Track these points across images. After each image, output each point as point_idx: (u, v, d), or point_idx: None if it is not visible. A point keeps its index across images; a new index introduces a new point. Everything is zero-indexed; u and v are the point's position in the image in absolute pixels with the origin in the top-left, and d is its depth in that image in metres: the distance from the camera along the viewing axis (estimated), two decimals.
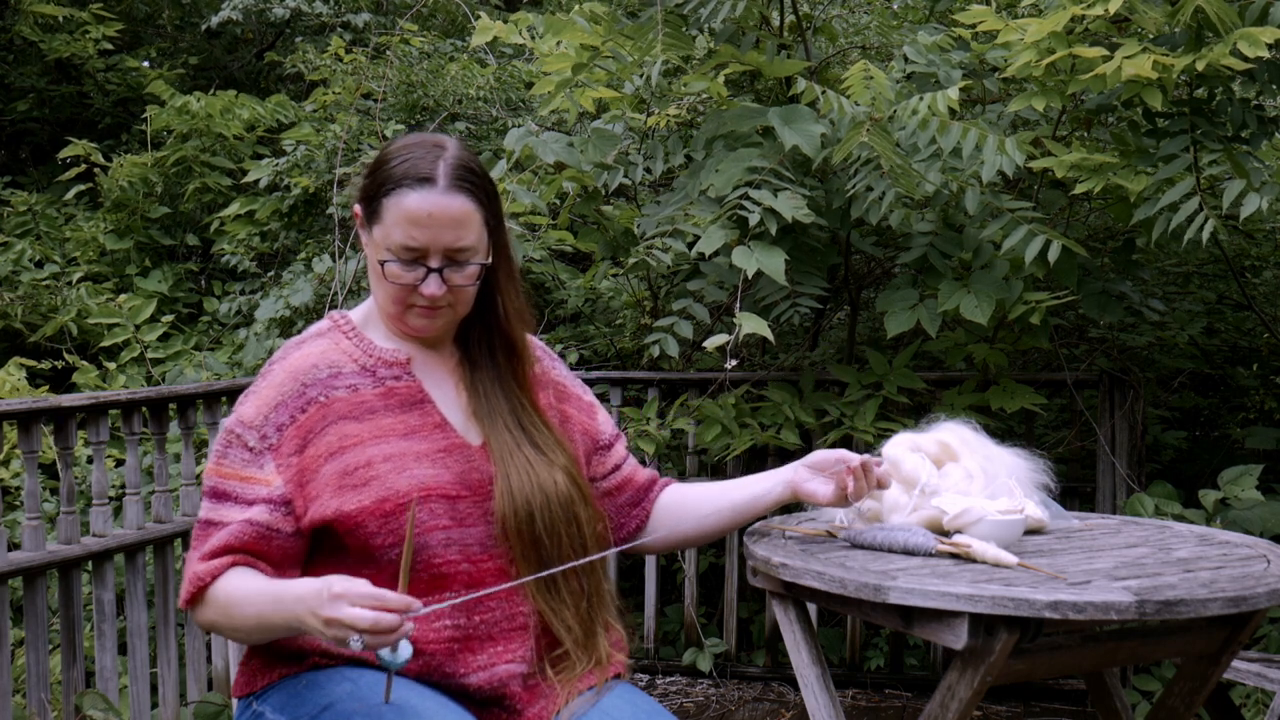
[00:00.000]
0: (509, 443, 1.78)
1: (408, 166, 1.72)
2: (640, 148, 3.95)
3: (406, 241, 1.71)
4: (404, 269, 1.73)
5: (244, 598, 1.65)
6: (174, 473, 4.21)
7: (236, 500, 1.70)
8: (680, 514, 1.99)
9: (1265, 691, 3.40)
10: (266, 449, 1.71)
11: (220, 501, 1.71)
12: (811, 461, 1.96)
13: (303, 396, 1.73)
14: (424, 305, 1.76)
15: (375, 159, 1.79)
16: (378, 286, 1.79)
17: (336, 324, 1.83)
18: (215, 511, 1.71)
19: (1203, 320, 4.45)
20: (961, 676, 1.78)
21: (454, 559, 1.70)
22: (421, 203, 1.70)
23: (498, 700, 1.71)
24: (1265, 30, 2.80)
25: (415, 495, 1.69)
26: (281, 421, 1.72)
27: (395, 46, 5.41)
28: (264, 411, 1.73)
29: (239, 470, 1.71)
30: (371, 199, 1.75)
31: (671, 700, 3.92)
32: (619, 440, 2.01)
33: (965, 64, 3.58)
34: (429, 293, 1.73)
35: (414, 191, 1.71)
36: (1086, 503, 3.90)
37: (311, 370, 1.76)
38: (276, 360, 1.79)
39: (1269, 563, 1.92)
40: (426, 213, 1.70)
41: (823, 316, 4.48)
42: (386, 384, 1.77)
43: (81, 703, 3.08)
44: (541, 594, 1.75)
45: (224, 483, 1.72)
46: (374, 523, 1.68)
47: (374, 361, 1.79)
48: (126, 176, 5.77)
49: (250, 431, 1.72)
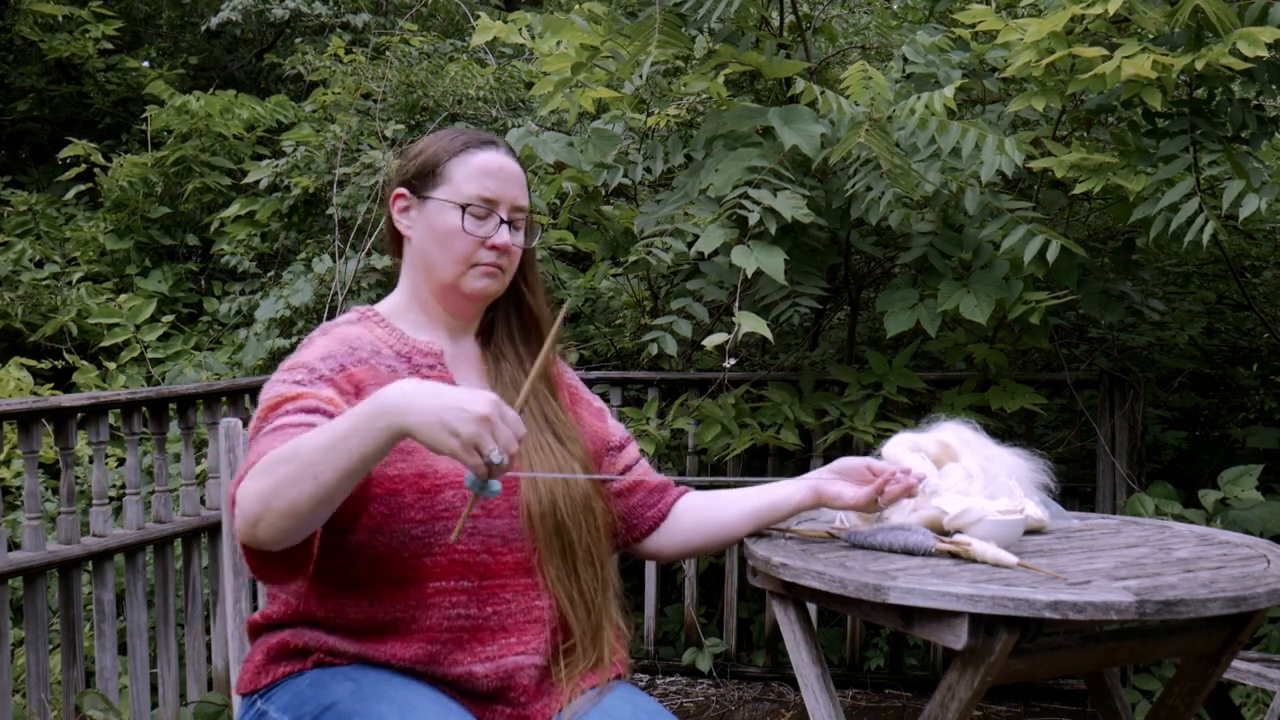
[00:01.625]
0: (533, 431, 1.81)
1: (466, 138, 1.84)
2: (640, 147, 3.95)
3: (482, 192, 1.80)
4: (478, 223, 1.80)
5: (309, 437, 1.47)
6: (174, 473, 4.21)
7: (289, 413, 1.60)
8: (701, 516, 2.01)
9: (1265, 691, 3.41)
10: (318, 379, 1.68)
11: (275, 412, 1.61)
12: (838, 468, 1.98)
13: (353, 355, 1.74)
14: (488, 263, 1.81)
15: (413, 150, 1.87)
16: (439, 251, 1.81)
17: (365, 315, 1.85)
18: (273, 421, 1.60)
19: (1203, 320, 4.45)
20: (961, 676, 1.78)
21: (475, 549, 1.71)
22: (493, 159, 1.82)
23: (503, 692, 1.70)
24: (1265, 30, 2.80)
25: (453, 479, 1.68)
26: (333, 366, 1.71)
27: (395, 47, 5.41)
28: (312, 361, 1.71)
29: (285, 394, 1.64)
30: (430, 172, 1.82)
31: (671, 700, 3.92)
32: (630, 443, 2.04)
33: (965, 64, 3.58)
34: (501, 242, 1.80)
35: (482, 150, 1.83)
36: (1086, 503, 3.91)
37: (357, 339, 1.78)
38: (315, 335, 1.79)
39: (1269, 563, 1.92)
40: (499, 165, 1.82)
41: (823, 316, 4.49)
42: (421, 372, 1.79)
43: (81, 703, 3.09)
44: (561, 581, 1.76)
45: (272, 414, 1.62)
46: (411, 494, 1.67)
47: (409, 349, 1.81)
48: (126, 176, 5.77)
49: (297, 371, 1.69)
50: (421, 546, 1.67)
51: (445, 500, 1.69)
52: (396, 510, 1.67)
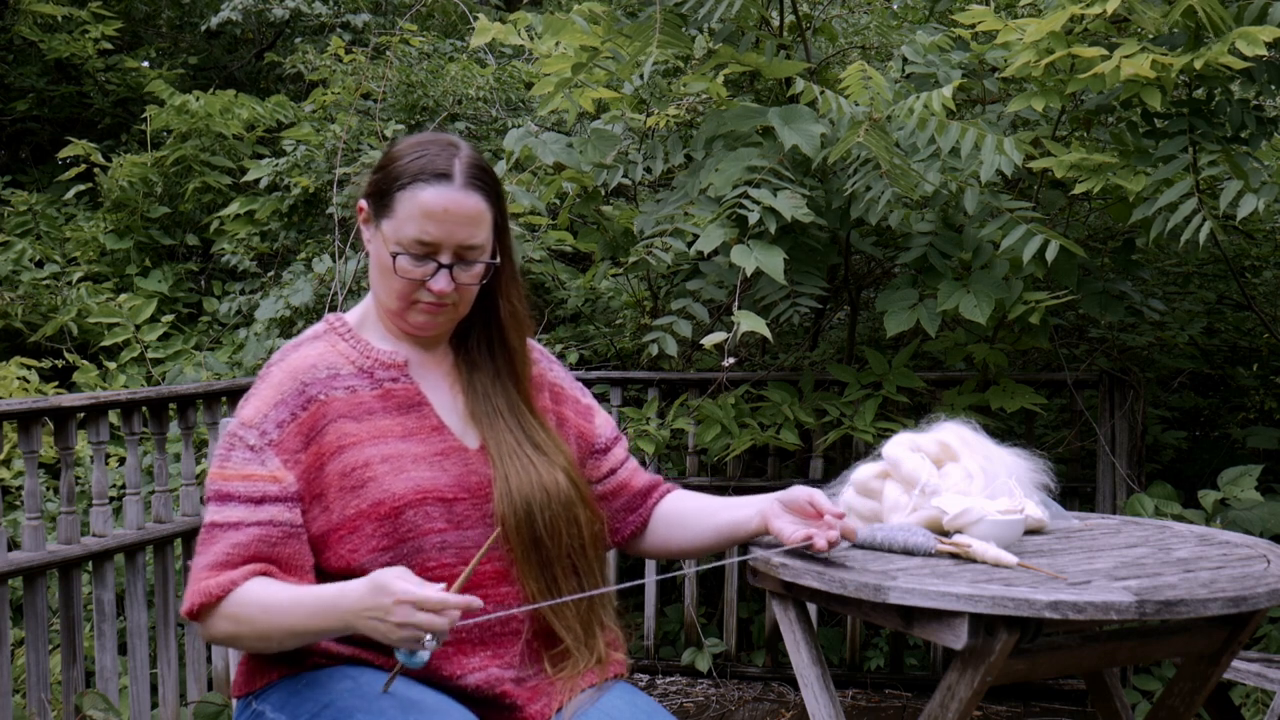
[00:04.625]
0: (510, 443, 1.78)
1: (424, 162, 1.72)
2: (640, 148, 3.95)
3: (420, 236, 1.71)
4: (414, 264, 1.72)
5: (274, 607, 1.62)
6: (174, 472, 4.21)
7: (241, 500, 1.67)
8: (673, 526, 1.99)
9: (1265, 691, 3.41)
10: (267, 444, 1.69)
11: (224, 503, 1.68)
12: (786, 498, 1.90)
13: (303, 395, 1.72)
14: (429, 302, 1.75)
15: (384, 155, 1.79)
16: (382, 282, 1.77)
17: (333, 326, 1.82)
18: (220, 513, 1.68)
19: (1203, 320, 4.45)
20: (961, 676, 1.79)
21: (448, 562, 1.70)
22: (438, 198, 1.71)
23: (495, 699, 1.71)
24: (1264, 29, 2.80)
25: (412, 499, 1.68)
26: (282, 418, 1.70)
27: (395, 47, 5.41)
28: (263, 410, 1.71)
29: (240, 469, 1.68)
30: (383, 193, 1.75)
31: (671, 700, 3.92)
32: (618, 443, 2.00)
33: (964, 64, 3.58)
34: (438, 289, 1.73)
35: (430, 187, 1.71)
36: (1086, 503, 3.90)
37: (310, 370, 1.75)
38: (274, 363, 1.78)
39: (1269, 563, 1.92)
40: (443, 208, 1.71)
41: (822, 316, 4.49)
42: (384, 385, 1.77)
43: (81, 703, 3.08)
44: (543, 594, 1.75)
45: (227, 484, 1.68)
46: (371, 524, 1.68)
47: (371, 363, 1.78)
48: (126, 176, 5.77)
49: (250, 431, 1.70)
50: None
51: (408, 520, 1.69)
52: (361, 543, 1.69)
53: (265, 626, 1.63)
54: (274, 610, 1.62)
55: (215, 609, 1.64)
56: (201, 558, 1.67)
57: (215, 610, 1.64)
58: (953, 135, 3.10)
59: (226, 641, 1.68)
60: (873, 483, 2.11)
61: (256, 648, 1.70)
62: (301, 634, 1.62)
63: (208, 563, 1.66)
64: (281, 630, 1.62)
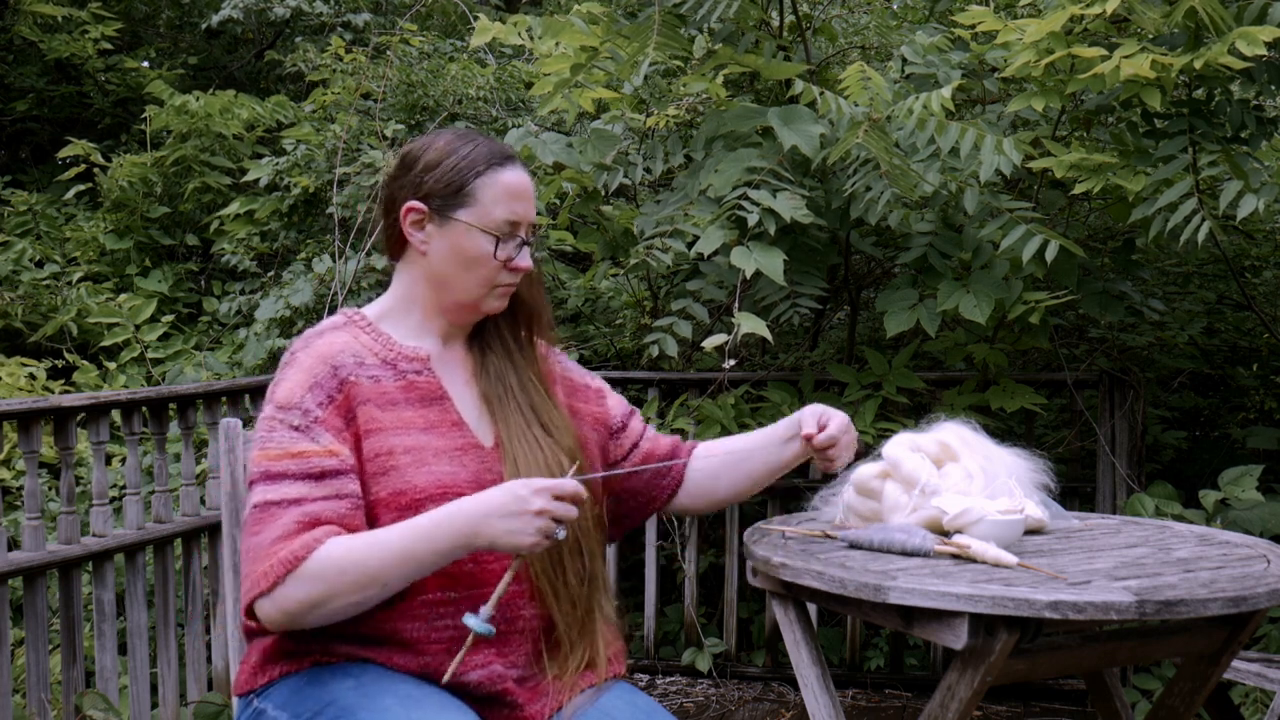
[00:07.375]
0: (520, 424, 1.80)
1: (487, 148, 1.78)
2: (640, 148, 3.95)
3: (510, 216, 1.76)
4: (509, 246, 1.77)
5: (378, 540, 1.58)
6: (174, 473, 4.21)
7: (296, 477, 1.63)
8: (710, 480, 2.04)
9: (1265, 691, 3.41)
10: (313, 422, 1.67)
11: (277, 482, 1.63)
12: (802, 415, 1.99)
13: (335, 377, 1.72)
14: (508, 283, 1.80)
15: (427, 159, 1.78)
16: (465, 274, 1.77)
17: (352, 319, 1.82)
18: (275, 491, 1.63)
19: (1203, 320, 4.45)
20: (961, 676, 1.79)
21: (460, 559, 1.70)
22: (518, 178, 1.78)
23: (497, 697, 1.71)
24: (1264, 29, 2.80)
25: (433, 492, 1.68)
26: (320, 400, 1.69)
27: (395, 46, 5.41)
28: (299, 393, 1.69)
29: (289, 448, 1.65)
30: (454, 187, 1.75)
31: (671, 700, 3.92)
32: (633, 417, 2.04)
33: (964, 64, 3.58)
34: (526, 265, 1.79)
35: (506, 169, 1.77)
36: (1086, 503, 3.91)
37: (339, 354, 1.74)
38: (298, 349, 1.76)
39: (1269, 563, 1.92)
40: (524, 186, 1.78)
41: (822, 316, 4.49)
42: (408, 378, 1.77)
43: (81, 703, 3.09)
44: (547, 573, 1.75)
45: (276, 464, 1.64)
46: (390, 514, 1.67)
47: (395, 355, 1.78)
48: (126, 176, 5.78)
49: (291, 413, 1.67)
50: None
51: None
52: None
53: (371, 567, 1.57)
54: (379, 542, 1.58)
55: (293, 574, 1.57)
56: (263, 535, 1.61)
57: (292, 576, 1.57)
58: (952, 135, 3.10)
59: (303, 610, 1.58)
60: (873, 483, 2.12)
61: (345, 606, 1.59)
62: (417, 559, 1.58)
63: (275, 535, 1.60)
64: (394, 560, 1.57)
